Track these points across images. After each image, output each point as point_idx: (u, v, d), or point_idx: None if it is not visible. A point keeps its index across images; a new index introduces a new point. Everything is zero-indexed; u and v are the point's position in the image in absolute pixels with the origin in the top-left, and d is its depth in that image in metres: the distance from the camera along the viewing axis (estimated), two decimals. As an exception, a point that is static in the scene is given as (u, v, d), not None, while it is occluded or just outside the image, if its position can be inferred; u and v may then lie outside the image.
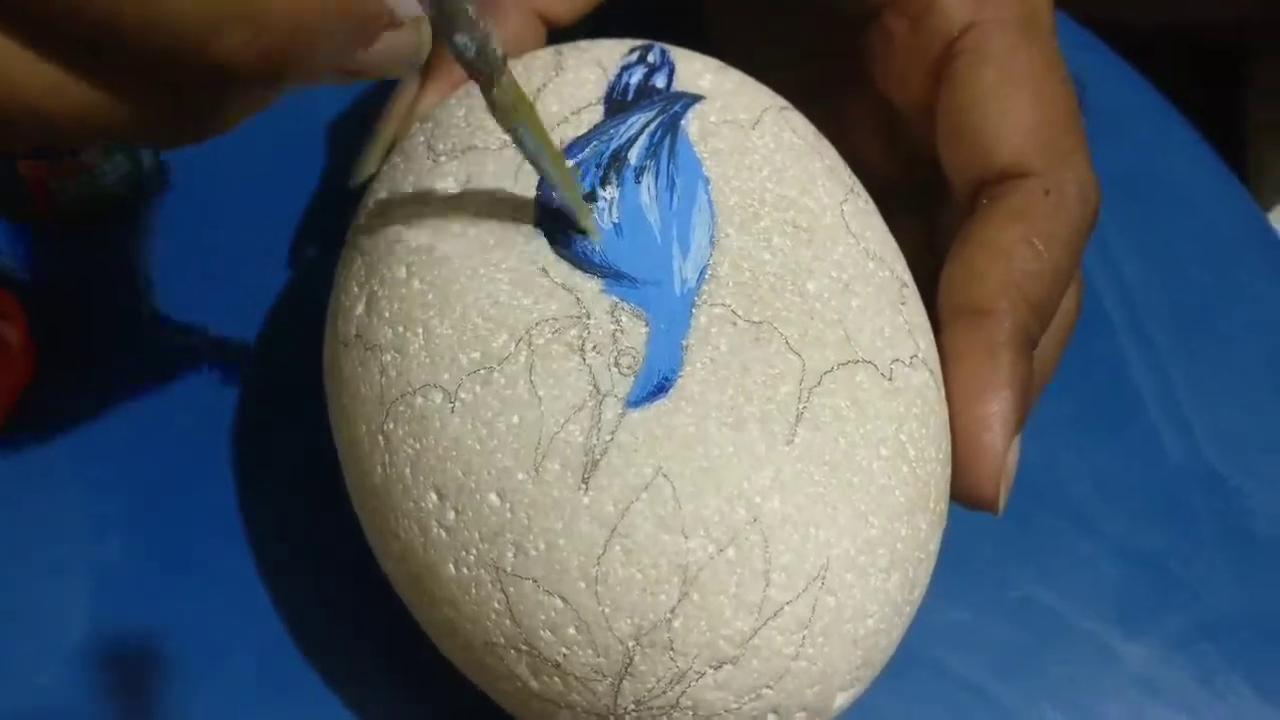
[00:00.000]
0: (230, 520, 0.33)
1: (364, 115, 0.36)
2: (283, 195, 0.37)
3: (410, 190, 0.29)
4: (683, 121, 0.29)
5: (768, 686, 0.25)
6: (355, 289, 0.28)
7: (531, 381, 0.25)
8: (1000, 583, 0.35)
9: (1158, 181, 0.43)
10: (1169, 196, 0.43)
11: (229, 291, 0.36)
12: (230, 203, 0.37)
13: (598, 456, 0.25)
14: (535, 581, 0.25)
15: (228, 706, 0.31)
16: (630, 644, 0.24)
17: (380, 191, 0.30)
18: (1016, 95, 0.29)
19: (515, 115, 0.25)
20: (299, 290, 0.36)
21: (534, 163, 0.26)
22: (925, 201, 0.32)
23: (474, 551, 0.25)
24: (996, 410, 0.27)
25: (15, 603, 0.32)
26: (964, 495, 0.28)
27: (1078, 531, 0.36)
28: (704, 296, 0.26)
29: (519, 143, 0.26)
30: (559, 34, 0.32)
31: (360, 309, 0.28)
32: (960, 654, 0.34)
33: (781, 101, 0.31)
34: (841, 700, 0.26)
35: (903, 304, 0.28)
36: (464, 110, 0.30)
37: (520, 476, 0.25)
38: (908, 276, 0.29)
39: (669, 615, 0.24)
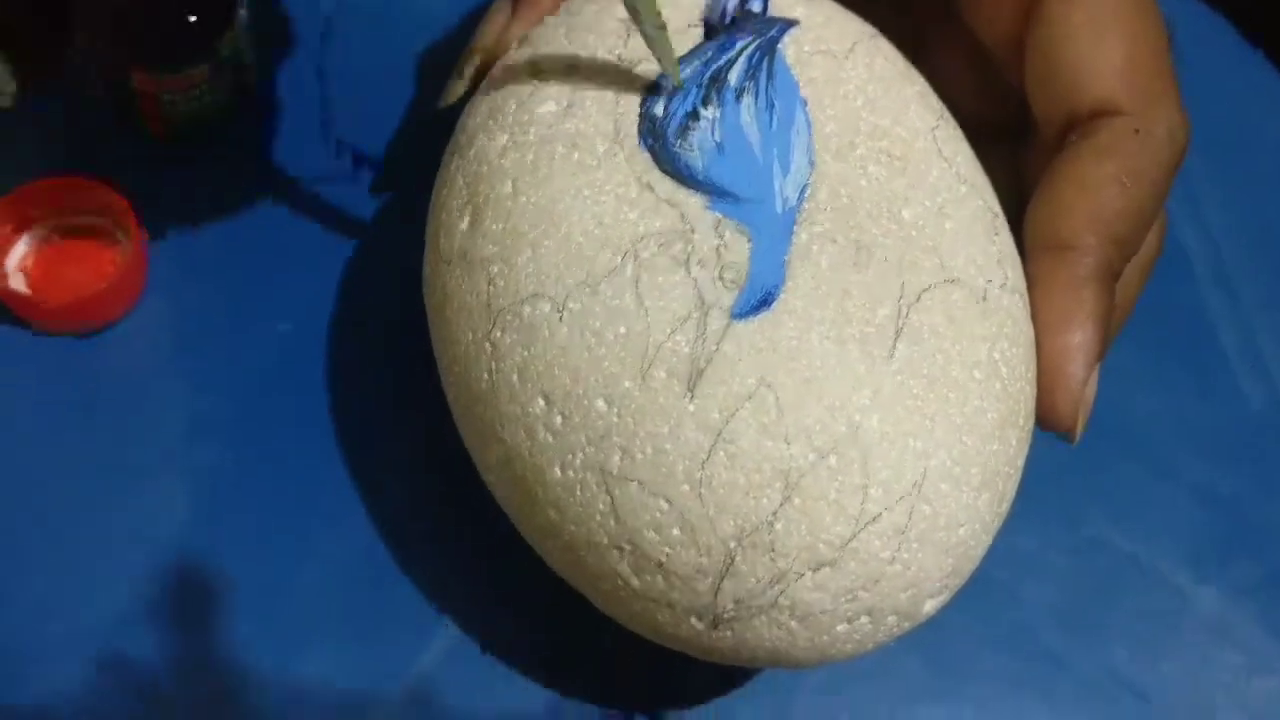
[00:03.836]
0: (325, 427, 0.34)
1: (457, 42, 0.36)
2: (373, 119, 0.38)
3: (513, 110, 0.29)
4: (779, 45, 0.29)
5: (863, 589, 0.26)
6: (458, 205, 0.29)
7: (638, 293, 0.26)
8: (1074, 520, 0.36)
9: (1246, 132, 0.43)
10: (1257, 148, 0.43)
11: (323, 207, 0.37)
12: (325, 124, 0.38)
13: (703, 365, 0.25)
14: (641, 484, 0.25)
15: (316, 609, 0.32)
16: (732, 544, 0.25)
17: (482, 111, 0.30)
18: (1107, 34, 0.29)
19: None
20: (392, 208, 0.37)
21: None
22: (1012, 138, 0.32)
23: (580, 455, 0.26)
24: (1079, 341, 0.28)
25: (112, 500, 0.33)
26: (1044, 421, 0.28)
27: (1153, 474, 0.37)
28: (804, 215, 0.27)
29: None
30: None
31: (464, 224, 0.29)
32: (1028, 582, 0.35)
33: (871, 29, 0.31)
34: (930, 606, 0.27)
35: (995, 234, 0.29)
36: (564, 30, 0.30)
37: (627, 384, 0.26)
38: (997, 206, 0.30)
39: (771, 518, 0.25)
